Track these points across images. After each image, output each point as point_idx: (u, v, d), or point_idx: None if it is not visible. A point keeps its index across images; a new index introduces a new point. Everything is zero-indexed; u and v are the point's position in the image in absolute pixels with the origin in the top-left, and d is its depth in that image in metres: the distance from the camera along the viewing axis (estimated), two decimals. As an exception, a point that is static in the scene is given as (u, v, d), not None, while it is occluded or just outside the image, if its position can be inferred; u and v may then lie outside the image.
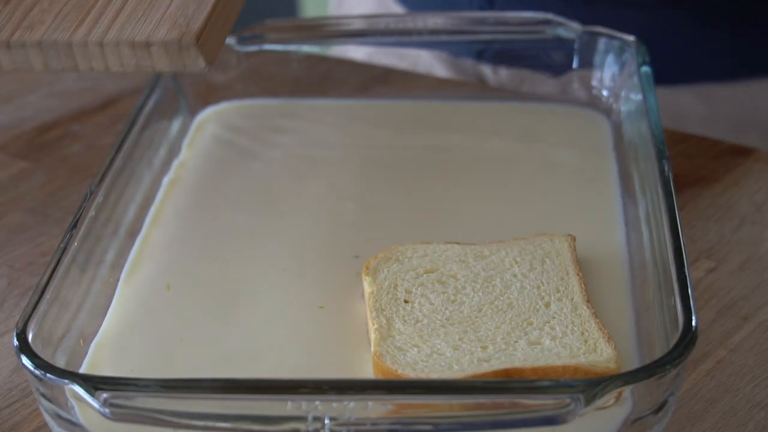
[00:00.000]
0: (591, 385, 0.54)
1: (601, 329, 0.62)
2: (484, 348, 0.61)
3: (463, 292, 0.66)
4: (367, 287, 0.67)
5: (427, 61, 1.09)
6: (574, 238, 0.69)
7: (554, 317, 0.63)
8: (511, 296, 0.65)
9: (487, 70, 1.05)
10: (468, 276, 0.67)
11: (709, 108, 0.98)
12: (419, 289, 0.66)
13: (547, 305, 0.64)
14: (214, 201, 0.78)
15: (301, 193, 0.79)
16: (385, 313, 0.64)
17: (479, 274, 0.67)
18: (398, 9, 1.12)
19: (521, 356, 0.60)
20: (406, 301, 0.65)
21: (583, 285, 0.65)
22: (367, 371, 0.62)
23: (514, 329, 0.62)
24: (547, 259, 0.68)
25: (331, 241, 0.73)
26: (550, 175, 0.80)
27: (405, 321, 0.63)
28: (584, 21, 0.87)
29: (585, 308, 0.64)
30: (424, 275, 0.67)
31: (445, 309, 0.64)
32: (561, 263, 0.67)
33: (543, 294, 0.65)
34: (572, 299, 0.64)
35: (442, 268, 0.68)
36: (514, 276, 0.66)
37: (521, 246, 0.69)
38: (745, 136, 0.95)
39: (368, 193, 0.79)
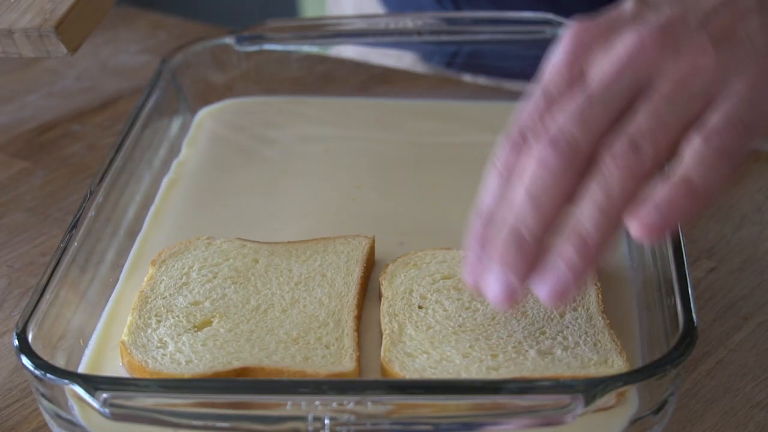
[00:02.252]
0: (591, 386, 0.54)
1: (614, 340, 0.61)
2: (494, 356, 0.61)
3: (479, 299, 0.65)
4: (383, 292, 0.66)
5: (420, 61, 1.09)
6: None
7: (568, 327, 0.63)
8: (526, 304, 0.64)
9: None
10: None
11: None
12: (434, 295, 0.66)
13: (562, 315, 0.64)
14: (214, 200, 0.78)
15: (302, 191, 0.79)
16: (397, 318, 0.64)
17: None
18: (380, 9, 1.12)
19: (531, 366, 0.60)
20: (420, 307, 0.65)
21: (599, 295, 0.65)
22: (376, 374, 0.62)
23: (526, 338, 0.62)
24: None
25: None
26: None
27: (417, 327, 0.63)
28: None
29: (600, 318, 0.63)
30: (441, 281, 0.67)
31: (459, 316, 0.64)
32: None
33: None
34: (588, 309, 0.64)
35: (460, 274, 0.67)
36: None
37: None
38: None
39: (368, 191, 0.79)
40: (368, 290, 0.68)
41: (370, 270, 0.70)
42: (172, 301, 0.66)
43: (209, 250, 0.70)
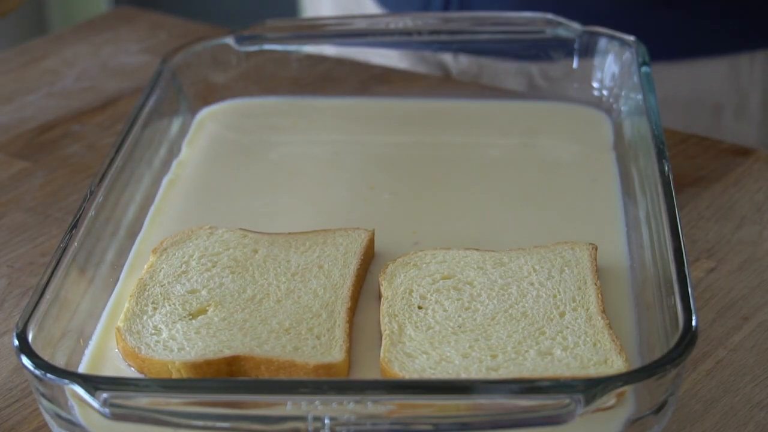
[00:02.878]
0: (591, 385, 0.54)
1: (613, 340, 0.61)
2: (494, 356, 0.61)
3: (478, 300, 0.65)
4: (383, 292, 0.66)
5: (420, 62, 1.09)
6: (595, 248, 0.69)
7: (567, 327, 0.63)
8: (526, 305, 0.64)
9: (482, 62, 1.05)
10: (485, 283, 0.66)
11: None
12: (434, 295, 0.66)
13: (562, 315, 0.64)
14: (214, 200, 0.78)
15: (302, 191, 0.79)
16: (397, 318, 0.64)
17: (496, 282, 0.66)
18: (373, 8, 1.11)
19: (530, 366, 0.60)
20: (420, 307, 0.65)
21: (600, 295, 0.65)
22: (376, 374, 0.62)
23: (526, 338, 0.62)
24: (566, 268, 0.67)
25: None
26: (551, 173, 0.80)
27: (417, 327, 0.63)
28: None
29: (600, 319, 0.63)
30: (441, 281, 0.67)
31: (459, 316, 0.64)
32: (580, 272, 0.67)
33: (558, 303, 0.65)
34: (587, 309, 0.64)
35: (460, 274, 0.67)
36: (531, 284, 0.66)
37: (541, 254, 0.68)
38: (691, 117, 0.95)
39: (366, 191, 0.79)
40: (368, 290, 0.68)
41: (369, 263, 0.70)
42: (170, 288, 0.66)
43: (210, 240, 0.70)
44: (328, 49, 1.00)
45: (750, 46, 1.03)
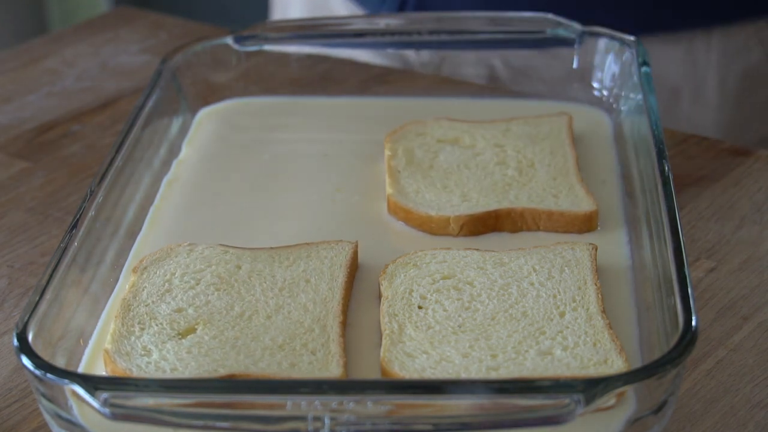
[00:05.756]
0: (591, 385, 0.54)
1: (614, 340, 0.61)
2: (494, 356, 0.61)
3: (478, 300, 0.65)
4: (383, 292, 0.66)
5: (420, 62, 1.09)
6: (596, 248, 0.69)
7: (567, 327, 0.63)
8: (526, 305, 0.64)
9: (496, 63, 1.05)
10: (485, 283, 0.66)
11: None
12: (434, 295, 0.66)
13: (562, 315, 0.64)
14: (214, 200, 0.78)
15: (302, 190, 0.79)
16: (397, 318, 0.64)
17: (496, 282, 0.66)
18: (339, 9, 1.11)
19: (530, 366, 0.60)
20: (420, 307, 0.65)
21: (600, 295, 0.65)
22: (375, 374, 0.62)
23: (526, 338, 0.62)
24: (566, 268, 0.67)
25: (333, 237, 0.73)
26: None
27: (417, 327, 0.63)
28: None
29: (600, 319, 0.63)
30: (441, 281, 0.67)
31: (459, 316, 0.64)
32: (580, 272, 0.67)
33: (558, 303, 0.64)
34: (587, 309, 0.64)
35: (460, 274, 0.67)
36: (531, 284, 0.66)
37: (541, 254, 0.68)
38: None
39: (369, 190, 0.78)
40: (367, 291, 0.68)
41: (354, 275, 0.69)
42: (155, 308, 0.65)
43: (191, 257, 0.69)
44: (327, 49, 1.00)
45: (705, 24, 1.02)
